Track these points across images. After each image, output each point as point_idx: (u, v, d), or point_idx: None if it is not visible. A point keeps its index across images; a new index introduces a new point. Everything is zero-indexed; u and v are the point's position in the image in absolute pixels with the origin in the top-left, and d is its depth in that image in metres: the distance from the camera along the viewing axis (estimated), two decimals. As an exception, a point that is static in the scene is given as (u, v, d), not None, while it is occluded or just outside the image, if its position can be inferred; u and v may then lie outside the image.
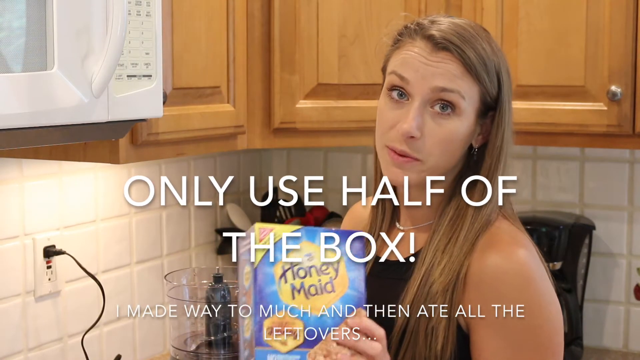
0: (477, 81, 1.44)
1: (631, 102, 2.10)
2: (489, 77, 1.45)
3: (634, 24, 2.08)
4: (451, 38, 1.44)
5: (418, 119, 1.43)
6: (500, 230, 1.46)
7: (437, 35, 1.44)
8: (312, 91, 2.18)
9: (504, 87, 1.47)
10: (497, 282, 1.40)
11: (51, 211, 2.11)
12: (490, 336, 1.40)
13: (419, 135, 1.44)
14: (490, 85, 1.45)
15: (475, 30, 1.47)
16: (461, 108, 1.44)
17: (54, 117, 1.47)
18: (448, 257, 1.44)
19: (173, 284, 2.07)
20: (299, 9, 2.15)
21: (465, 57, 1.43)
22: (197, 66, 1.95)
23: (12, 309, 2.04)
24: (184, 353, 2.02)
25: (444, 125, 1.44)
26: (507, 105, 1.48)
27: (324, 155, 2.83)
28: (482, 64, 1.44)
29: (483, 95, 1.45)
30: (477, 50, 1.44)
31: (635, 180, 2.48)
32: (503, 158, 1.48)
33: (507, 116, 1.48)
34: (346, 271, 1.36)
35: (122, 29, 1.48)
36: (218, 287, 2.01)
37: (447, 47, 1.43)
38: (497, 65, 1.46)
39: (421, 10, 2.20)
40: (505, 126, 1.47)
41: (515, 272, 1.41)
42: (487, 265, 1.41)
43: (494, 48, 1.47)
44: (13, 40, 1.41)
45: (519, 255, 1.42)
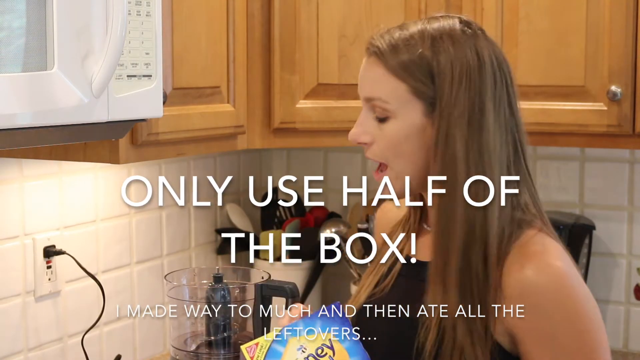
0: (401, 80, 1.45)
1: (631, 102, 2.10)
2: (412, 75, 1.44)
3: (634, 24, 2.08)
4: (377, 42, 1.47)
5: (360, 125, 1.49)
6: (532, 241, 1.43)
7: (372, 41, 1.49)
8: (312, 91, 2.18)
9: (442, 80, 1.43)
10: (539, 298, 1.39)
11: (51, 211, 2.11)
12: (541, 350, 1.40)
13: (369, 139, 1.48)
14: (417, 83, 1.44)
15: (422, 32, 1.46)
16: (391, 111, 1.46)
17: (54, 117, 1.47)
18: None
19: (173, 284, 2.06)
20: (299, 9, 2.15)
21: (381, 58, 1.46)
22: (197, 66, 1.95)
23: (12, 309, 2.04)
24: (184, 353, 2.02)
25: (384, 129, 1.47)
26: (446, 99, 1.42)
27: (324, 155, 2.83)
28: (400, 60, 1.44)
29: (417, 93, 1.44)
30: (399, 49, 1.45)
31: (635, 180, 2.48)
32: (449, 170, 1.42)
33: (450, 117, 1.42)
34: (340, 344, 1.40)
35: (122, 29, 1.48)
36: (218, 287, 2.01)
37: (372, 53, 1.48)
38: (430, 58, 1.43)
39: (421, 10, 2.20)
40: (443, 128, 1.42)
41: (557, 286, 1.40)
42: (526, 281, 1.39)
43: (435, 40, 1.44)
44: (13, 40, 1.41)
45: (557, 267, 1.40)
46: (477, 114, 1.43)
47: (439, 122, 1.43)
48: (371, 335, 1.50)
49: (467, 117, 1.43)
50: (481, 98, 1.43)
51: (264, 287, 1.98)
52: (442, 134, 1.43)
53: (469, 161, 1.42)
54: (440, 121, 1.43)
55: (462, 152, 1.42)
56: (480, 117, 1.43)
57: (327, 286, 2.80)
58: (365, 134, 1.49)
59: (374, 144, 1.48)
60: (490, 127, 1.43)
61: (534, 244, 1.43)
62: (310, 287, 2.64)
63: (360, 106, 2.21)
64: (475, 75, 1.44)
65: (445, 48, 1.44)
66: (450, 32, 1.46)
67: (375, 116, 1.48)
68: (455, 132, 1.42)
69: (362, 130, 1.49)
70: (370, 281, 1.58)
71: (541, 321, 1.39)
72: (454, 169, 1.42)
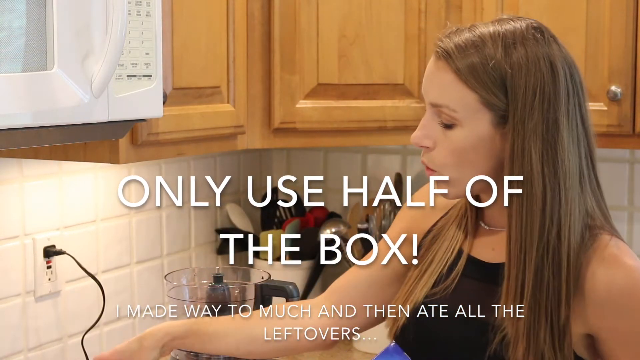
0: (471, 89, 1.41)
1: (631, 102, 2.10)
2: (484, 86, 1.40)
3: (634, 24, 2.08)
4: (448, 46, 1.43)
5: (424, 129, 1.45)
6: (609, 245, 1.44)
7: (439, 45, 1.44)
8: (312, 91, 2.18)
9: (513, 96, 1.40)
10: (626, 299, 1.41)
11: (51, 211, 2.11)
12: (624, 348, 1.43)
13: (431, 144, 1.44)
14: (489, 95, 1.40)
15: (494, 37, 1.42)
16: (458, 119, 1.42)
17: (54, 117, 1.47)
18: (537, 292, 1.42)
19: (173, 284, 2.07)
20: (299, 9, 2.15)
21: (451, 64, 1.41)
22: (197, 66, 1.95)
23: (12, 309, 2.04)
24: (184, 353, 2.02)
25: (449, 136, 1.43)
26: (520, 114, 1.40)
27: (324, 155, 2.83)
28: (472, 68, 1.40)
29: (488, 104, 1.41)
30: (473, 57, 1.41)
31: (635, 180, 2.48)
32: (527, 181, 1.41)
33: (524, 131, 1.40)
34: None
35: (122, 29, 1.48)
36: (218, 287, 2.01)
37: (443, 56, 1.43)
38: (503, 69, 1.40)
39: (421, 10, 2.20)
40: (517, 143, 1.40)
41: (634, 282, 1.42)
42: (613, 284, 1.41)
43: (512, 56, 1.41)
44: (13, 40, 1.41)
45: (633, 265, 1.43)
46: (552, 129, 1.41)
47: (513, 137, 1.40)
48: (433, 336, 1.50)
49: (542, 132, 1.40)
50: (555, 113, 1.41)
51: (264, 287, 1.98)
52: (517, 149, 1.40)
53: (545, 177, 1.41)
54: (515, 136, 1.40)
55: (537, 167, 1.40)
56: (555, 132, 1.41)
57: (327, 286, 2.79)
58: (428, 138, 1.45)
59: (435, 149, 1.44)
60: (565, 142, 1.42)
61: (611, 247, 1.44)
62: (310, 287, 2.64)
63: (360, 106, 2.21)
64: (549, 88, 1.41)
65: (518, 57, 1.41)
66: (523, 40, 1.42)
67: (440, 122, 1.44)
68: (530, 147, 1.40)
69: (424, 134, 1.45)
70: (427, 279, 1.54)
71: (628, 320, 1.41)
72: (531, 182, 1.40)
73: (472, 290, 1.50)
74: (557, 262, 1.41)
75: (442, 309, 1.50)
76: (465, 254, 1.52)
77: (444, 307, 1.50)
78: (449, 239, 1.55)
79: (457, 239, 1.54)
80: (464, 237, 1.54)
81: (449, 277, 1.52)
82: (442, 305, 1.50)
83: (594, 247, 1.43)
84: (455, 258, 1.53)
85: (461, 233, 1.54)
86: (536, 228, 1.41)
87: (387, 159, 2.75)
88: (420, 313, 1.51)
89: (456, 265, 1.52)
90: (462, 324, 1.48)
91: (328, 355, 2.48)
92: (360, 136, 2.23)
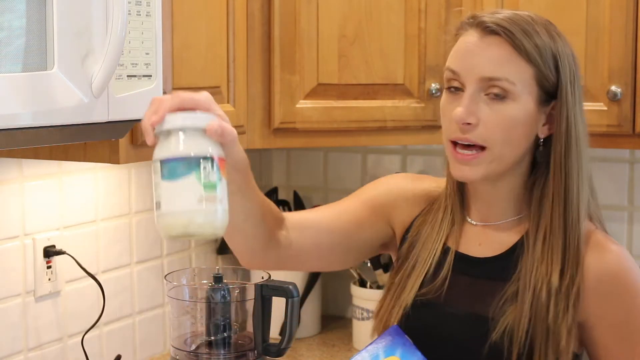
0: (529, 63, 1.43)
1: (631, 102, 2.10)
2: (542, 58, 1.43)
3: (634, 24, 2.08)
4: (500, 21, 1.44)
5: (470, 105, 1.43)
6: (594, 232, 1.48)
7: (488, 20, 1.45)
8: (312, 91, 2.18)
9: (564, 72, 1.45)
10: (614, 284, 1.44)
11: (51, 211, 2.11)
12: (613, 332, 1.45)
13: (474, 120, 1.43)
14: (545, 68, 1.43)
15: (533, 18, 1.45)
16: (514, 93, 1.43)
17: (54, 117, 1.47)
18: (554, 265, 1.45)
19: (173, 284, 2.07)
20: (299, 9, 2.15)
21: (513, 38, 1.42)
22: (197, 66, 1.95)
23: (12, 309, 2.04)
24: (184, 353, 2.02)
25: (500, 111, 1.43)
26: (570, 94, 1.45)
27: (324, 155, 2.83)
28: (533, 44, 1.43)
29: (539, 80, 1.44)
30: (528, 32, 1.43)
31: (635, 180, 2.48)
32: (573, 153, 1.46)
33: (572, 106, 1.45)
34: None
35: (122, 29, 1.48)
36: (218, 287, 2.01)
37: (495, 31, 1.43)
38: (554, 49, 1.44)
39: (421, 10, 2.20)
40: (570, 116, 1.45)
41: (628, 270, 1.46)
42: (603, 269, 1.44)
43: (553, 34, 1.45)
44: (13, 40, 1.41)
45: (620, 251, 1.47)
46: (582, 109, 1.49)
47: (564, 110, 1.44)
48: (430, 337, 1.50)
49: (580, 110, 1.48)
50: (580, 93, 1.48)
51: (264, 287, 1.99)
52: (570, 122, 1.45)
53: (582, 146, 1.49)
54: (566, 109, 1.45)
55: (581, 137, 1.48)
56: (583, 113, 1.49)
57: (327, 286, 2.80)
58: (472, 114, 1.43)
59: (479, 125, 1.43)
60: (585, 126, 1.50)
61: (597, 234, 1.48)
62: (310, 287, 2.64)
63: (360, 106, 2.21)
64: (578, 76, 1.48)
65: (558, 38, 1.46)
66: (556, 31, 1.48)
67: (487, 98, 1.43)
68: (577, 120, 1.46)
69: (468, 111, 1.43)
70: (414, 281, 1.54)
71: (617, 305, 1.44)
72: (580, 160, 1.48)
73: (467, 286, 1.50)
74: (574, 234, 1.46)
75: (438, 308, 1.50)
76: (452, 251, 1.53)
77: (440, 306, 1.50)
78: (432, 237, 1.55)
79: (441, 236, 1.54)
80: (448, 233, 1.54)
81: (440, 276, 1.52)
82: (437, 304, 1.50)
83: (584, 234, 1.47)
84: (441, 256, 1.53)
85: (445, 230, 1.54)
86: (575, 202, 1.46)
87: (387, 159, 2.75)
88: (413, 315, 1.51)
89: (444, 263, 1.52)
90: (460, 321, 1.49)
91: (328, 356, 2.48)
92: (360, 136, 2.23)
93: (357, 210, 1.61)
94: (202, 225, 1.19)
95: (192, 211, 1.18)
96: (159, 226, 1.21)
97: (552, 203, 1.46)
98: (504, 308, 1.44)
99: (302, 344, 2.56)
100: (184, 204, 1.18)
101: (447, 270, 1.51)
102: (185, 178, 1.18)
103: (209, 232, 1.19)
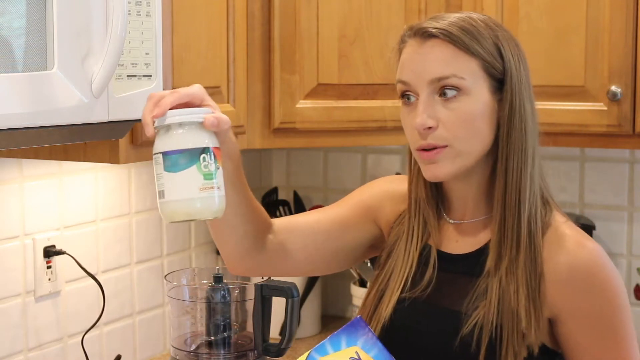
0: (472, 55, 1.45)
1: (631, 102, 2.10)
2: (483, 49, 1.45)
3: (634, 24, 2.08)
4: (436, 25, 1.47)
5: (427, 109, 1.45)
6: (564, 226, 1.49)
7: (425, 26, 1.48)
8: (312, 91, 2.18)
9: (508, 57, 1.47)
10: (586, 279, 1.45)
11: (51, 211, 2.11)
12: (583, 326, 1.45)
13: (434, 123, 1.45)
14: (489, 57, 1.46)
15: (471, 16, 1.49)
16: (466, 87, 1.45)
17: (54, 117, 1.47)
18: (513, 254, 1.46)
19: (173, 284, 2.06)
20: (299, 9, 2.15)
21: (451, 36, 1.45)
22: (197, 66, 1.95)
23: (12, 309, 2.04)
24: (184, 353, 2.02)
25: (456, 109, 1.45)
26: (515, 77, 1.47)
27: (324, 155, 2.83)
28: (471, 37, 1.45)
29: (487, 69, 1.46)
30: (465, 28, 1.46)
31: (635, 180, 2.48)
32: (517, 131, 1.46)
33: (518, 89, 1.47)
34: (367, 354, 1.42)
35: (122, 29, 1.48)
36: (218, 287, 2.01)
37: (433, 34, 1.46)
38: (493, 37, 1.46)
39: (421, 10, 2.20)
40: (515, 99, 1.46)
41: (600, 265, 1.46)
42: (574, 263, 1.45)
43: (491, 25, 1.48)
44: (13, 40, 1.41)
45: (598, 248, 1.47)
46: (531, 96, 1.50)
47: (511, 97, 1.46)
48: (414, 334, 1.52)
49: (529, 95, 1.49)
50: (529, 84, 1.50)
51: (264, 287, 1.98)
52: (516, 108, 1.46)
53: (529, 135, 1.48)
54: (513, 96, 1.46)
55: (530, 126, 1.48)
56: (532, 100, 1.50)
57: (327, 286, 2.80)
58: (430, 118, 1.45)
59: (439, 127, 1.45)
60: (535, 112, 1.51)
61: (568, 227, 1.49)
62: (310, 287, 2.64)
63: (360, 106, 2.21)
64: (525, 61, 1.50)
65: (498, 28, 1.49)
66: (495, 22, 1.51)
67: (440, 99, 1.45)
68: (525, 104, 1.47)
69: (426, 116, 1.45)
70: (395, 282, 1.55)
71: (589, 300, 1.45)
72: (524, 143, 1.47)
73: (448, 282, 1.52)
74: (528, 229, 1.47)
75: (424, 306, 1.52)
76: (434, 249, 1.55)
77: (426, 304, 1.52)
78: (409, 237, 1.57)
79: (419, 235, 1.56)
80: (426, 232, 1.56)
81: (425, 275, 1.54)
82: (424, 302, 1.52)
83: (552, 227, 1.48)
84: (421, 255, 1.55)
85: (421, 229, 1.56)
86: (528, 191, 1.47)
87: (387, 159, 2.75)
88: (400, 314, 1.53)
89: (427, 261, 1.55)
90: (441, 317, 1.51)
91: (328, 355, 2.48)
92: (360, 136, 2.23)
93: (343, 211, 1.65)
94: (203, 210, 1.33)
95: (193, 199, 1.31)
96: (163, 213, 1.34)
97: (502, 190, 1.48)
98: (475, 303, 1.47)
99: (302, 344, 2.55)
100: (186, 193, 1.31)
101: (433, 269, 1.54)
102: (187, 169, 1.31)
103: (209, 216, 1.33)
